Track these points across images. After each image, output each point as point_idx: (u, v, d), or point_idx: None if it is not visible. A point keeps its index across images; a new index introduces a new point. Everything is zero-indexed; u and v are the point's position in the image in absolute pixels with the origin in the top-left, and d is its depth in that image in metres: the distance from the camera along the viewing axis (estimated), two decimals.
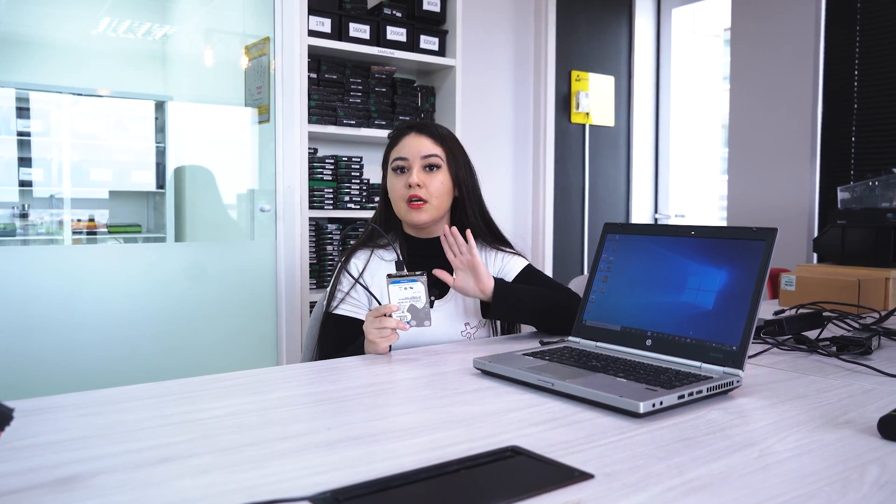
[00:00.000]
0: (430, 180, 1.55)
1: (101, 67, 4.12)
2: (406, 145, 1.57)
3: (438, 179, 1.56)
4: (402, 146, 1.57)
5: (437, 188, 1.56)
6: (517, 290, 1.52)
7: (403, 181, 1.55)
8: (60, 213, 4.00)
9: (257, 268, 2.72)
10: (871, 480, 0.73)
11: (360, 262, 1.60)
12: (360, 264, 1.59)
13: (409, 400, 1.05)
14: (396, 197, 1.57)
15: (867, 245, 2.15)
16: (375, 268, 1.58)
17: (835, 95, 3.33)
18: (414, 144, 1.56)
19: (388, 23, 2.97)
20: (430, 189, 1.55)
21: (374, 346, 1.33)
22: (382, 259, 1.60)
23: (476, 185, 1.65)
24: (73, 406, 0.98)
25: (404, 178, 1.55)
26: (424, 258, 1.59)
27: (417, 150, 1.55)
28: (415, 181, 1.53)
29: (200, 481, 0.72)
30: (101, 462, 0.77)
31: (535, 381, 1.08)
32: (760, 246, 1.13)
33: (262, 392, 1.08)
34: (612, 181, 4.12)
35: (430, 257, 1.59)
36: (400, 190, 1.55)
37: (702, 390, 1.01)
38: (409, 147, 1.56)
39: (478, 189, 1.65)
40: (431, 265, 1.58)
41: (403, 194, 1.55)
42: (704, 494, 0.69)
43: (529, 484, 0.71)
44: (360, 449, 0.82)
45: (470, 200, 1.62)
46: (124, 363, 2.44)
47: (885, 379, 1.17)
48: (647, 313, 1.23)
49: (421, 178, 1.54)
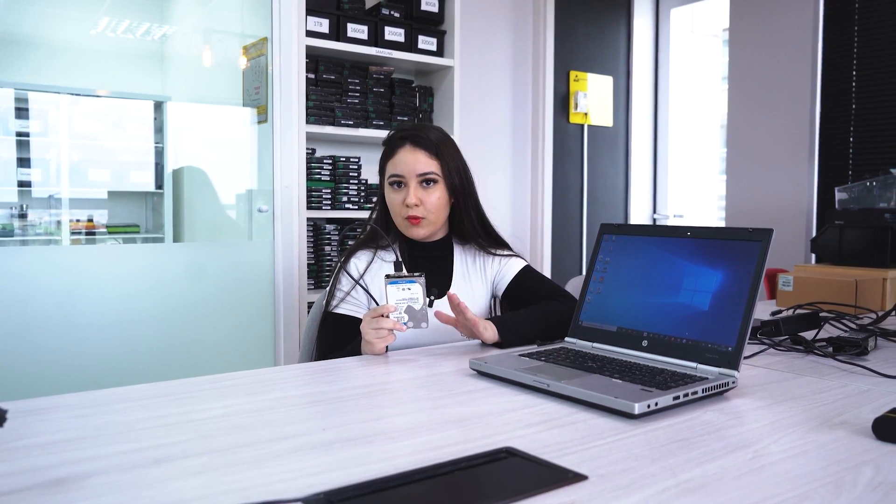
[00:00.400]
0: (427, 196, 1.55)
1: (100, 68, 4.12)
2: (402, 161, 1.56)
3: (435, 195, 1.56)
4: (398, 162, 1.56)
5: (434, 203, 1.56)
6: (517, 324, 1.47)
7: (401, 198, 1.55)
8: (59, 213, 4.00)
9: (255, 268, 2.72)
10: (864, 481, 0.73)
11: (360, 262, 1.60)
12: (361, 265, 1.59)
13: (405, 401, 1.05)
14: (395, 212, 1.58)
15: (865, 245, 2.15)
16: (377, 269, 1.58)
17: (833, 96, 3.33)
18: (409, 161, 1.55)
19: (386, 23, 2.97)
20: (428, 206, 1.55)
21: (371, 347, 1.34)
22: (384, 260, 1.60)
23: (472, 189, 1.64)
24: (69, 407, 0.98)
25: (402, 194, 1.55)
26: (426, 259, 1.61)
27: (413, 166, 1.55)
28: (412, 201, 1.53)
29: (194, 482, 0.72)
30: (95, 463, 0.77)
31: (531, 381, 1.08)
32: (756, 247, 1.13)
33: (259, 393, 1.08)
34: (610, 181, 4.12)
35: (430, 258, 1.62)
36: (398, 206, 1.56)
37: (697, 391, 1.01)
38: (404, 163, 1.56)
39: (474, 193, 1.65)
40: (432, 266, 1.60)
41: (402, 211, 1.56)
42: (698, 496, 0.69)
43: (523, 485, 0.71)
44: (355, 450, 0.82)
45: (467, 206, 1.62)
46: (122, 363, 2.44)
47: (881, 380, 1.17)
48: (643, 314, 1.23)
49: (418, 196, 1.54)
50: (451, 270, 1.64)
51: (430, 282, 1.56)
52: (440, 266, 1.63)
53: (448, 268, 1.64)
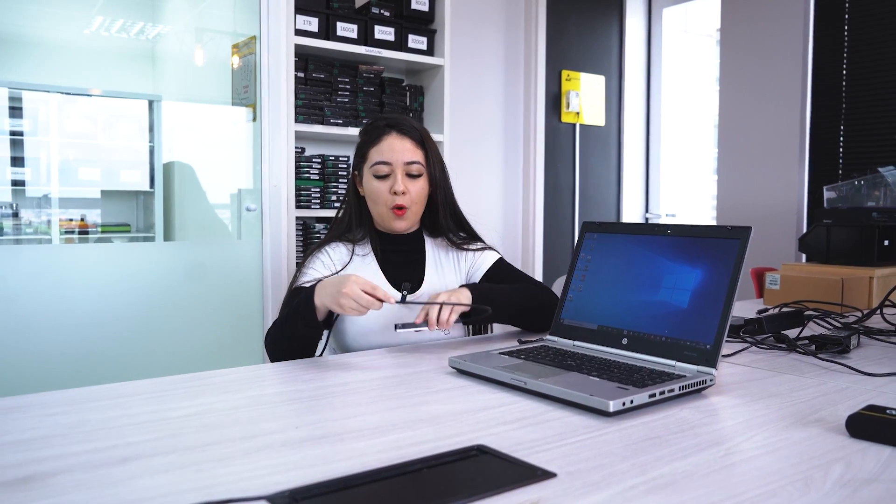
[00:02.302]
0: (412, 186, 1.55)
1: (93, 67, 4.12)
2: (389, 148, 1.54)
3: (419, 185, 1.56)
4: (385, 148, 1.55)
5: (418, 193, 1.56)
6: (490, 289, 1.51)
7: (387, 186, 1.54)
8: (51, 212, 3.99)
9: (244, 267, 2.72)
10: (834, 479, 0.73)
11: (335, 253, 1.58)
12: (335, 255, 1.58)
13: (380, 398, 1.05)
14: (379, 201, 1.55)
15: (852, 244, 2.15)
16: (354, 268, 1.56)
17: (823, 95, 3.34)
18: (397, 148, 1.54)
19: (376, 22, 2.97)
20: (413, 196, 1.55)
21: (336, 301, 1.26)
22: (357, 255, 1.59)
23: (448, 182, 1.64)
24: (41, 405, 0.97)
25: (387, 183, 1.54)
26: (398, 253, 1.61)
27: (401, 155, 1.54)
28: (401, 189, 1.52)
29: (160, 480, 0.72)
30: (61, 461, 0.76)
31: (508, 379, 1.07)
32: (735, 244, 1.12)
33: (233, 391, 1.07)
34: (602, 181, 4.12)
35: (402, 251, 1.62)
36: (384, 195, 1.54)
37: (674, 389, 1.00)
38: (392, 151, 1.54)
39: (449, 186, 1.65)
40: (403, 260, 1.61)
41: (387, 200, 1.54)
42: (665, 493, 0.69)
43: (491, 483, 0.70)
44: (325, 448, 0.81)
45: (442, 199, 1.62)
46: (112, 362, 2.44)
47: (860, 377, 1.16)
48: (623, 312, 1.23)
49: (405, 186, 1.53)
50: (423, 263, 1.63)
51: (403, 276, 1.57)
52: (412, 260, 1.63)
53: (420, 261, 1.63)
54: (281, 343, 1.40)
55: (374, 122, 1.61)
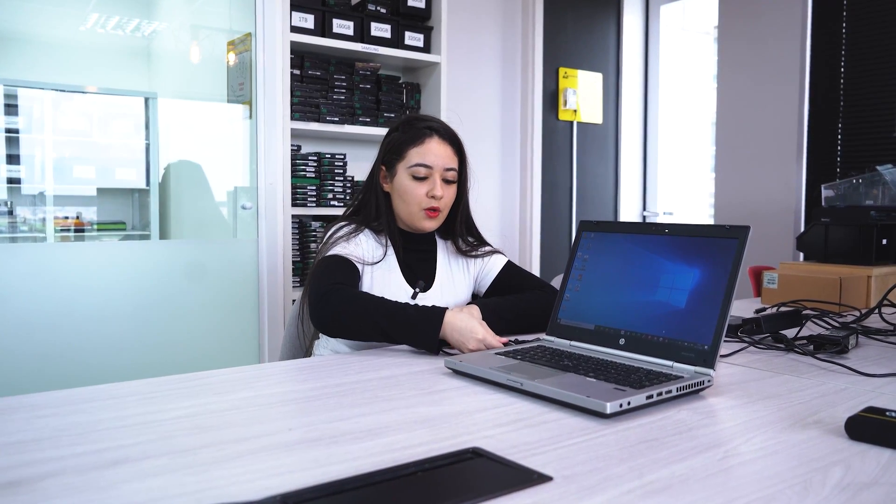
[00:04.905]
0: (447, 191, 1.58)
1: (89, 64, 4.10)
2: (431, 151, 1.55)
3: (452, 191, 1.60)
4: (427, 151, 1.55)
5: (450, 198, 1.60)
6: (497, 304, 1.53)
7: (425, 189, 1.55)
8: (47, 210, 3.97)
9: (240, 265, 2.70)
10: (833, 482, 0.72)
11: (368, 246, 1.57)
12: (369, 248, 1.57)
13: (375, 400, 1.04)
14: (413, 202, 1.56)
15: (850, 243, 2.14)
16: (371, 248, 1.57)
17: (821, 94, 3.33)
18: (440, 153, 1.56)
19: (372, 19, 2.95)
20: (446, 200, 1.58)
21: (464, 344, 1.30)
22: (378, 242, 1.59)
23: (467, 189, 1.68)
24: (31, 407, 0.96)
25: (426, 185, 1.55)
26: (413, 251, 1.63)
27: (442, 161, 1.56)
28: (439, 194, 1.55)
29: (150, 484, 0.71)
30: (51, 465, 0.75)
31: (505, 380, 1.06)
32: (733, 244, 1.11)
33: (228, 392, 1.06)
34: (599, 179, 4.11)
35: (417, 251, 1.64)
36: (420, 196, 1.55)
37: (671, 390, 0.99)
38: (434, 155, 1.55)
39: (467, 193, 1.69)
40: (418, 258, 1.63)
41: (422, 202, 1.55)
42: (662, 497, 0.68)
43: (485, 487, 0.69)
44: (318, 451, 0.80)
45: (464, 206, 1.66)
46: (107, 360, 2.42)
47: (859, 378, 1.16)
48: (620, 312, 1.22)
49: (443, 190, 1.56)
50: (434, 263, 1.66)
51: (417, 273, 1.60)
52: (425, 259, 1.65)
53: (432, 261, 1.66)
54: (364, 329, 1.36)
55: (411, 122, 1.60)
